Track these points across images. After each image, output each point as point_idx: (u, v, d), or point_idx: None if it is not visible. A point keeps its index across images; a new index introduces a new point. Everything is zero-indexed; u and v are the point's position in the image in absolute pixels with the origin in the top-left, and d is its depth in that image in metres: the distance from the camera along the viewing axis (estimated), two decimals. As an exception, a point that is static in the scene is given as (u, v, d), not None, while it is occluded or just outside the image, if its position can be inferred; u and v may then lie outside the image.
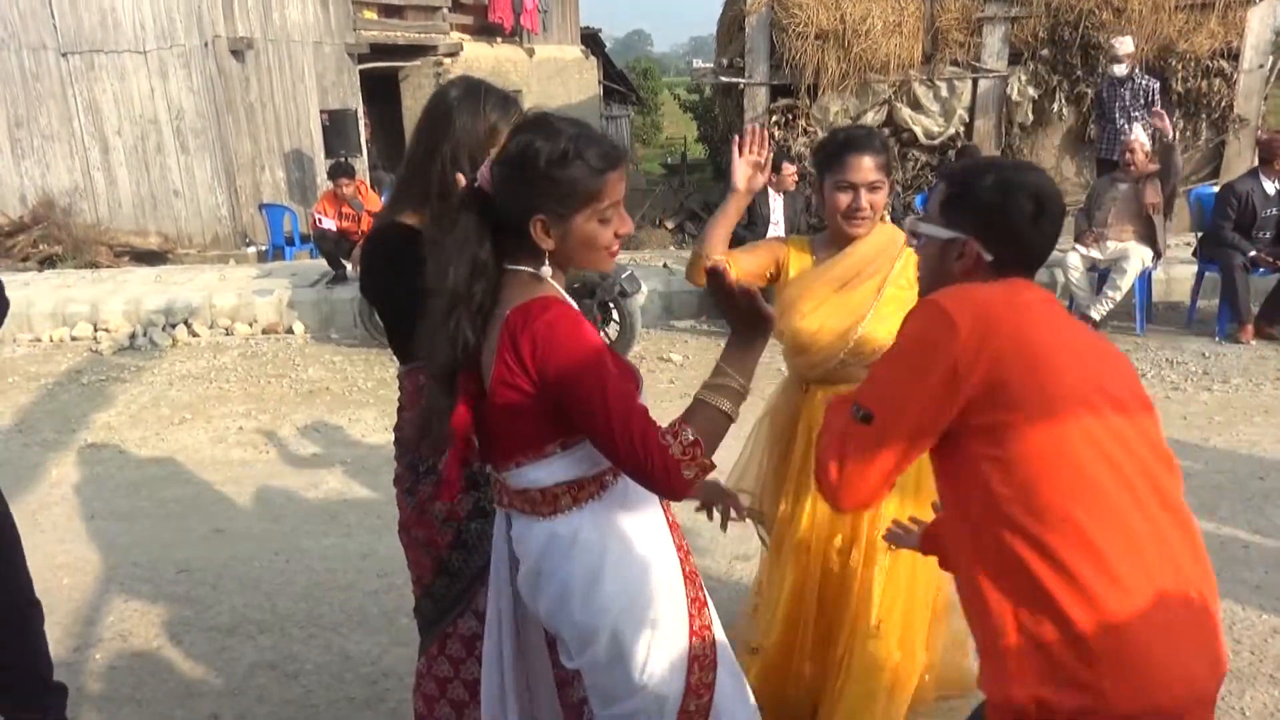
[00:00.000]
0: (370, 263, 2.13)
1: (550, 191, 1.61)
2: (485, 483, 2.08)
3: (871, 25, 9.48)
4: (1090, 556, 1.39)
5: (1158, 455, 1.51)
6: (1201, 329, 6.88)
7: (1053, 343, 1.51)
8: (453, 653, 2.16)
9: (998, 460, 1.45)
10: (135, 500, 4.67)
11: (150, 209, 11.54)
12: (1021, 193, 1.60)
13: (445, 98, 2.04)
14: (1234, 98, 9.30)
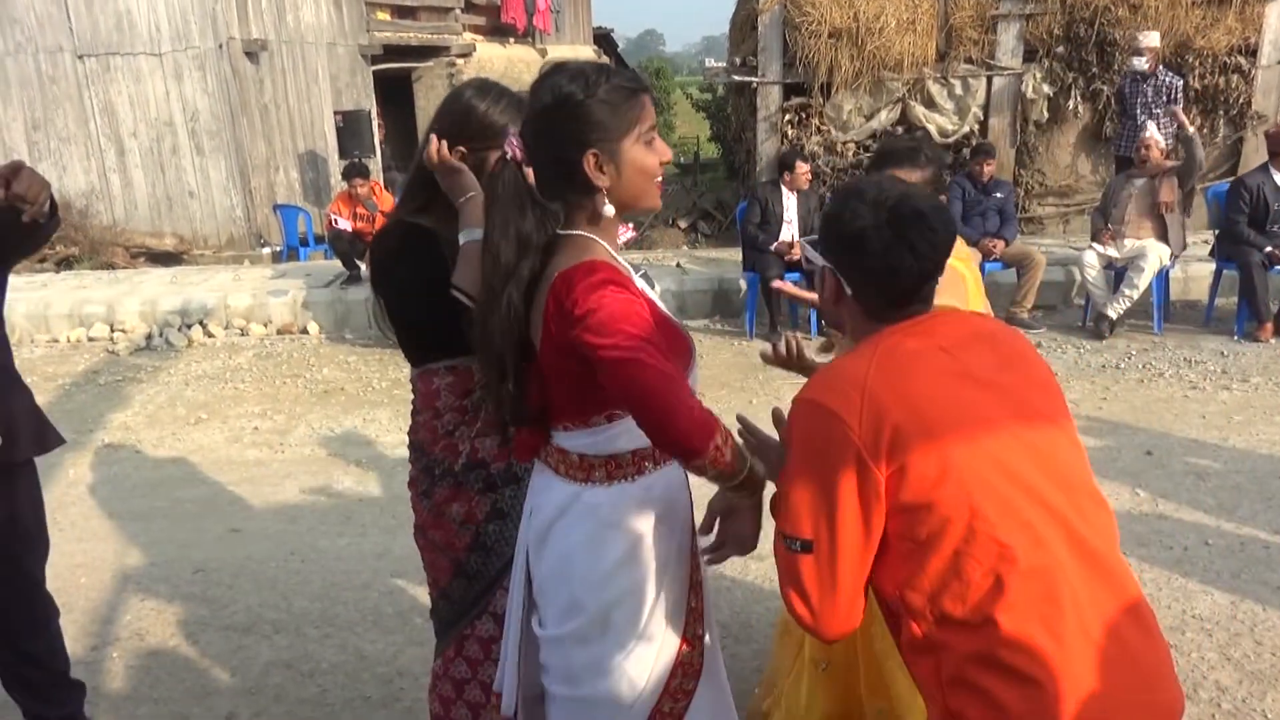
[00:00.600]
0: (379, 261, 2.11)
1: (596, 120, 1.59)
2: (503, 484, 2.08)
3: (885, 23, 9.43)
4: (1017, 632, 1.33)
5: (1079, 506, 1.42)
6: (1220, 327, 6.82)
7: (949, 403, 1.40)
8: (470, 654, 2.15)
9: (914, 541, 1.39)
10: (152, 500, 4.70)
11: (166, 210, 11.59)
12: (875, 218, 1.47)
13: (460, 96, 2.04)
14: (1252, 94, 9.21)
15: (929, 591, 1.38)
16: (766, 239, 7.12)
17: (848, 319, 1.59)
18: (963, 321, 1.56)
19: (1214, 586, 3.48)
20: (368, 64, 13.12)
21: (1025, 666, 1.32)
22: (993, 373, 1.46)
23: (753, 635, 3.27)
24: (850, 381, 1.42)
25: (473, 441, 2.06)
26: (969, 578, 1.35)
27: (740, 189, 11.61)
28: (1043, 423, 1.45)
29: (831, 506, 1.40)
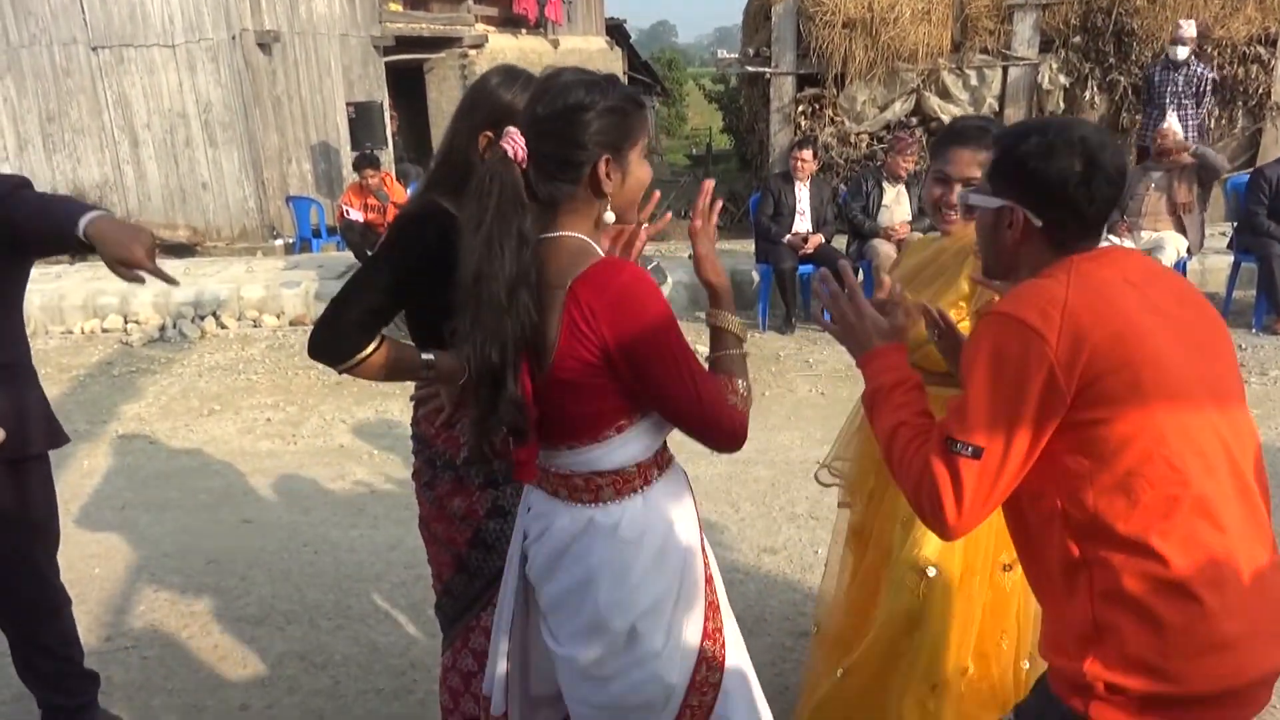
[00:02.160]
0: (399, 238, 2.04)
1: (610, 127, 1.60)
2: (505, 481, 2.06)
3: (900, 13, 9.36)
4: (1181, 553, 1.39)
5: (1244, 448, 1.48)
6: (1237, 320, 6.75)
7: (1144, 331, 1.43)
8: (476, 646, 2.15)
9: (1087, 457, 1.42)
10: (165, 491, 4.71)
11: (179, 202, 11.63)
12: (1066, 150, 1.51)
13: (488, 81, 2.02)
14: (1271, 84, 9.12)
15: (1094, 508, 1.42)
16: (779, 230, 7.09)
17: (1030, 255, 1.57)
18: (1139, 259, 1.60)
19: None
20: (380, 55, 13.11)
21: (1188, 585, 1.39)
22: (1174, 307, 1.50)
23: (766, 629, 3.25)
24: (1050, 300, 1.44)
25: None
26: (1139, 497, 1.40)
27: (753, 180, 11.56)
28: (1215, 359, 1.51)
29: (1014, 418, 1.42)
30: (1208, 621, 1.39)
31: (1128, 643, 1.41)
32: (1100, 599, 1.43)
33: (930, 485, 1.46)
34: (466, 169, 1.96)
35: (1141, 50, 9.13)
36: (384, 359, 1.94)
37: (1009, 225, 1.56)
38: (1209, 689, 1.40)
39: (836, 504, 2.73)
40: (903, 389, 1.61)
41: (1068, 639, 1.48)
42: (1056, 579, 1.50)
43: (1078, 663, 1.44)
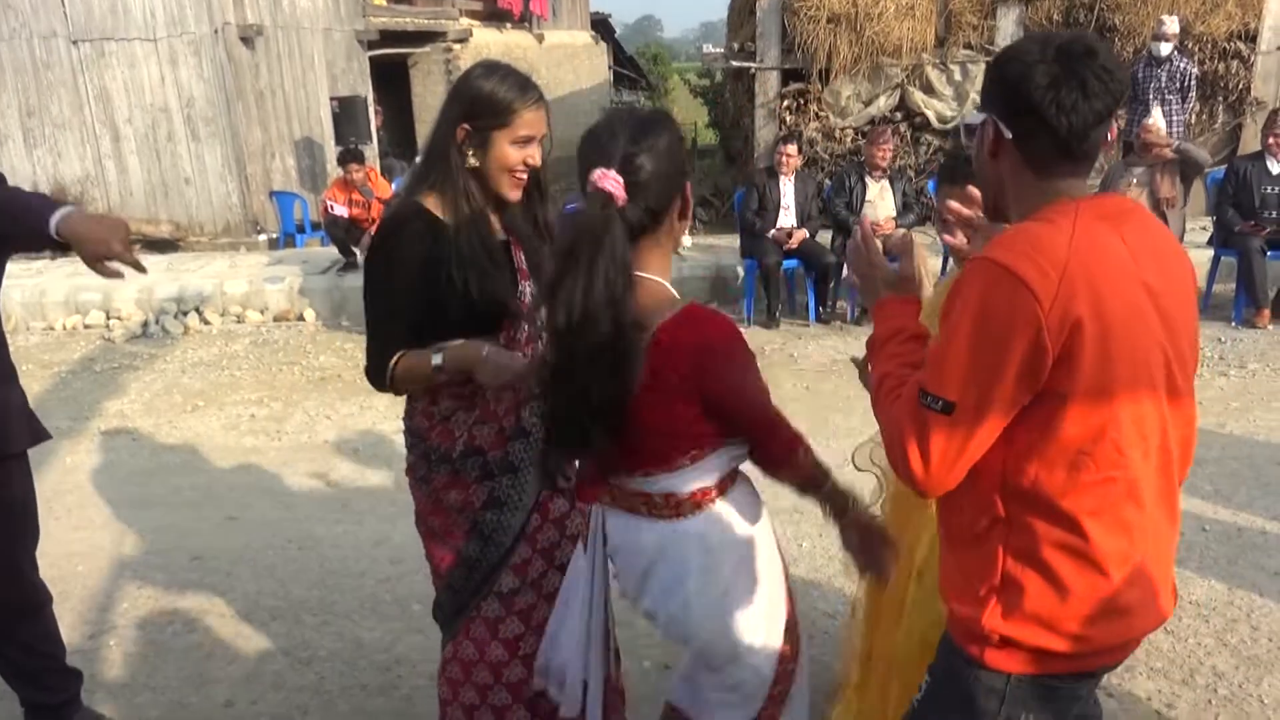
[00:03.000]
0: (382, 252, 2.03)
1: (681, 158, 1.69)
2: (500, 472, 2.08)
3: (884, 9, 9.38)
4: (1104, 532, 1.43)
5: (1180, 432, 1.50)
6: (1217, 314, 6.82)
7: (1127, 315, 1.37)
8: (476, 635, 2.17)
9: (1039, 429, 1.40)
10: (149, 488, 4.69)
11: (161, 197, 11.55)
12: (1038, 52, 1.37)
13: (469, 74, 2.03)
14: (1251, 80, 9.19)
15: (1034, 477, 1.42)
16: (764, 225, 7.10)
17: (1008, 179, 1.48)
18: (1144, 222, 1.48)
19: (1210, 573, 3.48)
20: (364, 49, 13.05)
21: (1101, 561, 1.43)
22: (1158, 280, 1.42)
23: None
24: (1050, 258, 1.33)
25: (470, 428, 2.06)
26: (1080, 476, 1.40)
27: (738, 176, 11.57)
28: (1181, 336, 1.47)
29: (992, 376, 1.35)
30: (1110, 592, 1.44)
31: (1030, 600, 1.45)
32: (1012, 555, 1.46)
33: (899, 438, 1.42)
34: (447, 164, 1.98)
35: (1124, 46, 9.17)
36: (404, 372, 1.99)
37: (984, 141, 1.47)
38: (1098, 648, 1.49)
39: None
40: (897, 340, 1.58)
41: (970, 587, 1.51)
42: (971, 526, 1.51)
43: (977, 611, 1.49)
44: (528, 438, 2.10)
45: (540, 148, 2.03)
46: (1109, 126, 1.42)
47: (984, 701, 1.53)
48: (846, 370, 5.90)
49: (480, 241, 1.98)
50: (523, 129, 1.97)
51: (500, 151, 1.97)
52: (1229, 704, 2.80)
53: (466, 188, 1.98)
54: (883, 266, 1.69)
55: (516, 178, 2.01)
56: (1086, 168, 1.46)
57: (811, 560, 3.67)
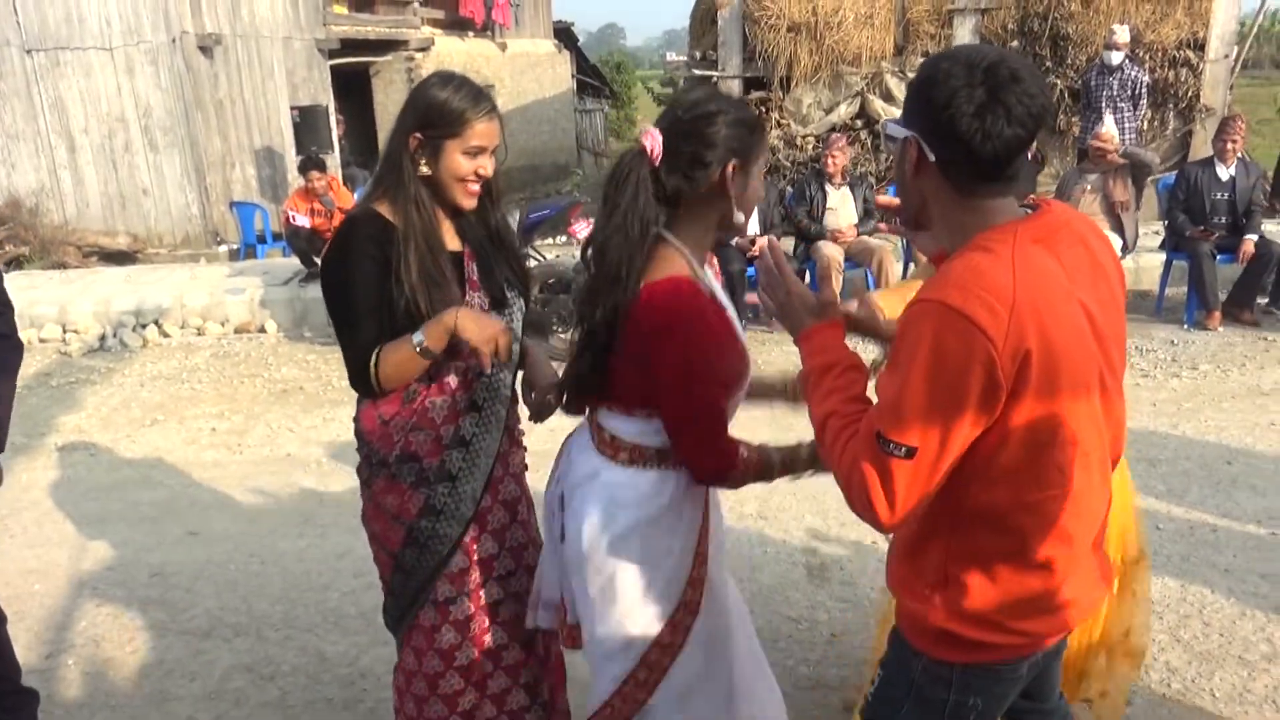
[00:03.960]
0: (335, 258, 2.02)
1: (738, 137, 1.76)
2: (436, 480, 2.07)
3: (843, 18, 9.51)
4: (1046, 541, 1.48)
5: (1114, 435, 1.57)
6: (1170, 316, 6.96)
7: (1069, 333, 1.39)
8: (416, 644, 2.17)
9: (981, 450, 1.42)
10: (107, 504, 4.62)
11: (119, 208, 11.40)
12: (965, 77, 1.36)
13: (424, 83, 2.04)
14: (1200, 87, 9.41)
15: (979, 496, 1.47)
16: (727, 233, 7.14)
17: (930, 196, 1.48)
18: (1077, 239, 1.49)
19: (1164, 570, 3.56)
20: (325, 58, 12.98)
21: (1043, 565, 1.48)
22: (1094, 299, 1.46)
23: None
24: (998, 296, 1.33)
25: (406, 434, 2.05)
26: (1023, 494, 1.45)
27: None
28: (1114, 345, 1.52)
29: (951, 419, 1.35)
30: (1051, 591, 1.50)
31: (971, 599, 1.50)
32: (955, 558, 1.51)
33: (860, 483, 1.42)
34: (400, 172, 1.99)
35: (1077, 54, 9.36)
36: (388, 366, 1.98)
37: (906, 159, 1.47)
38: (1040, 637, 1.55)
39: None
40: (834, 373, 1.56)
41: (917, 583, 1.57)
42: (918, 534, 1.57)
43: (923, 607, 1.55)
44: (466, 447, 2.08)
45: (493, 159, 2.04)
46: (1031, 148, 1.44)
47: (932, 690, 1.59)
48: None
49: (428, 249, 1.97)
50: (474, 139, 1.97)
51: (451, 161, 1.98)
52: (1182, 698, 2.86)
53: (418, 196, 1.99)
54: (802, 293, 1.67)
55: (469, 187, 2.01)
56: (1012, 187, 1.46)
57: (775, 566, 3.70)
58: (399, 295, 1.94)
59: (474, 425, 2.09)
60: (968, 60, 1.38)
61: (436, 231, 2.01)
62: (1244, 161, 6.80)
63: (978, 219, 1.44)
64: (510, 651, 2.20)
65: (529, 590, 2.19)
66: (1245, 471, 4.40)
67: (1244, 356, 6.07)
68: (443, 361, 2.01)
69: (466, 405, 2.07)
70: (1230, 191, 6.72)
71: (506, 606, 2.20)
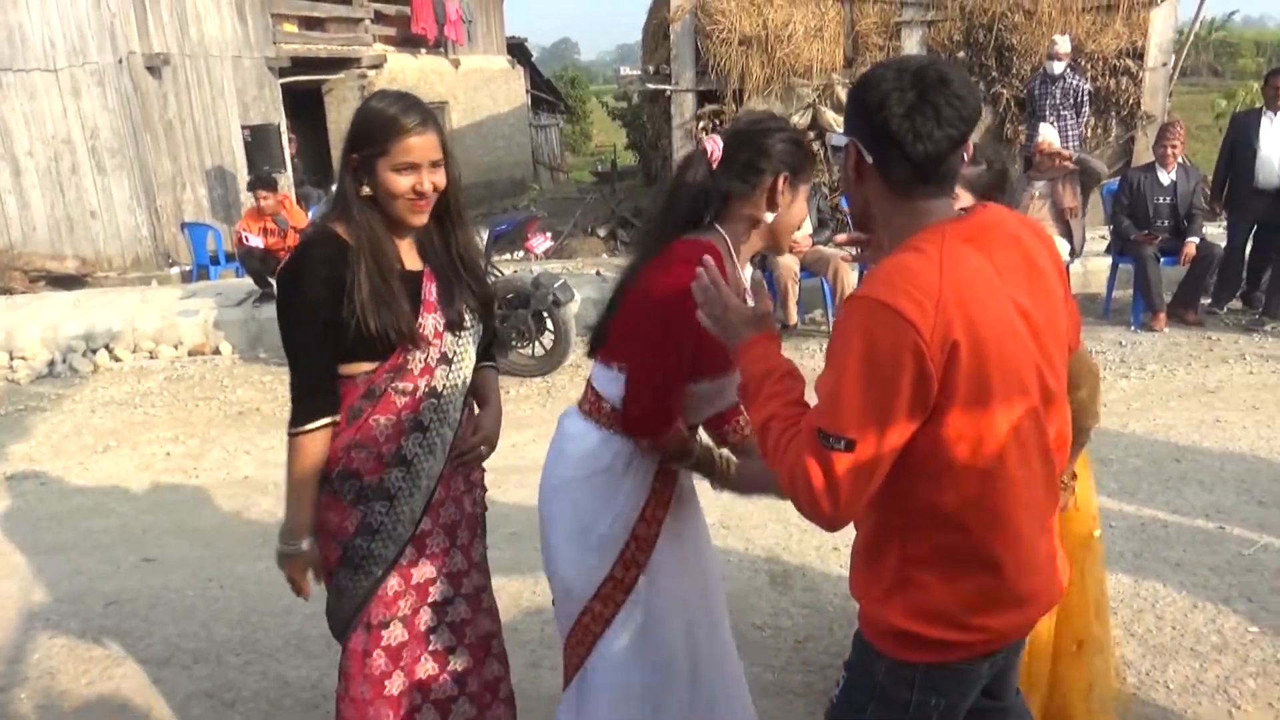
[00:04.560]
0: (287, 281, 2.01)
1: (791, 154, 1.94)
2: (374, 498, 2.04)
3: (793, 30, 9.63)
4: (992, 533, 1.52)
5: (1055, 428, 1.61)
6: (1117, 318, 7.12)
7: (999, 328, 1.44)
8: (347, 670, 2.14)
9: (921, 446, 1.45)
10: (59, 533, 4.53)
11: (66, 231, 11.20)
12: (899, 82, 1.43)
13: (365, 102, 2.04)
14: (1140, 95, 9.65)
15: (924, 493, 1.51)
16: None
17: (872, 200, 1.55)
18: (1010, 238, 1.54)
19: (1117, 566, 3.63)
20: (276, 77, 12.87)
21: (995, 560, 1.53)
22: (1029, 297, 1.50)
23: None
24: (923, 290, 1.39)
25: (349, 451, 2.02)
26: (964, 489, 1.49)
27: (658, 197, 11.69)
28: (1050, 337, 1.55)
29: (887, 409, 1.40)
30: (1005, 586, 1.55)
31: (929, 599, 1.54)
32: (910, 560, 1.55)
33: (804, 480, 1.44)
34: (344, 194, 1.99)
35: (1021, 64, 9.56)
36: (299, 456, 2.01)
37: (848, 163, 1.54)
38: (998, 635, 1.58)
39: None
40: (773, 379, 1.60)
41: (876, 585, 1.60)
42: (874, 535, 1.61)
43: (882, 609, 1.59)
44: (407, 467, 2.04)
45: (438, 172, 1.98)
46: (965, 149, 1.49)
47: (895, 692, 1.62)
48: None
49: (378, 268, 1.94)
50: (402, 155, 1.92)
51: (384, 179, 1.94)
52: (1138, 691, 2.92)
53: (362, 217, 1.97)
54: (738, 307, 1.69)
55: (413, 204, 1.97)
56: (948, 188, 1.52)
57: (739, 574, 3.72)
58: (349, 315, 1.91)
59: (417, 445, 2.05)
60: (899, 66, 1.47)
61: (386, 250, 1.98)
62: (1184, 166, 6.99)
63: (913, 220, 1.51)
64: (441, 685, 2.15)
65: (467, 620, 2.17)
66: (1193, 468, 4.51)
67: (1189, 356, 6.22)
68: (387, 384, 2.01)
69: (412, 425, 2.04)
70: (1172, 196, 6.90)
71: (440, 636, 2.15)
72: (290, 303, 1.97)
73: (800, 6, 9.68)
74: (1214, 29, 24.16)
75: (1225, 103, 14.98)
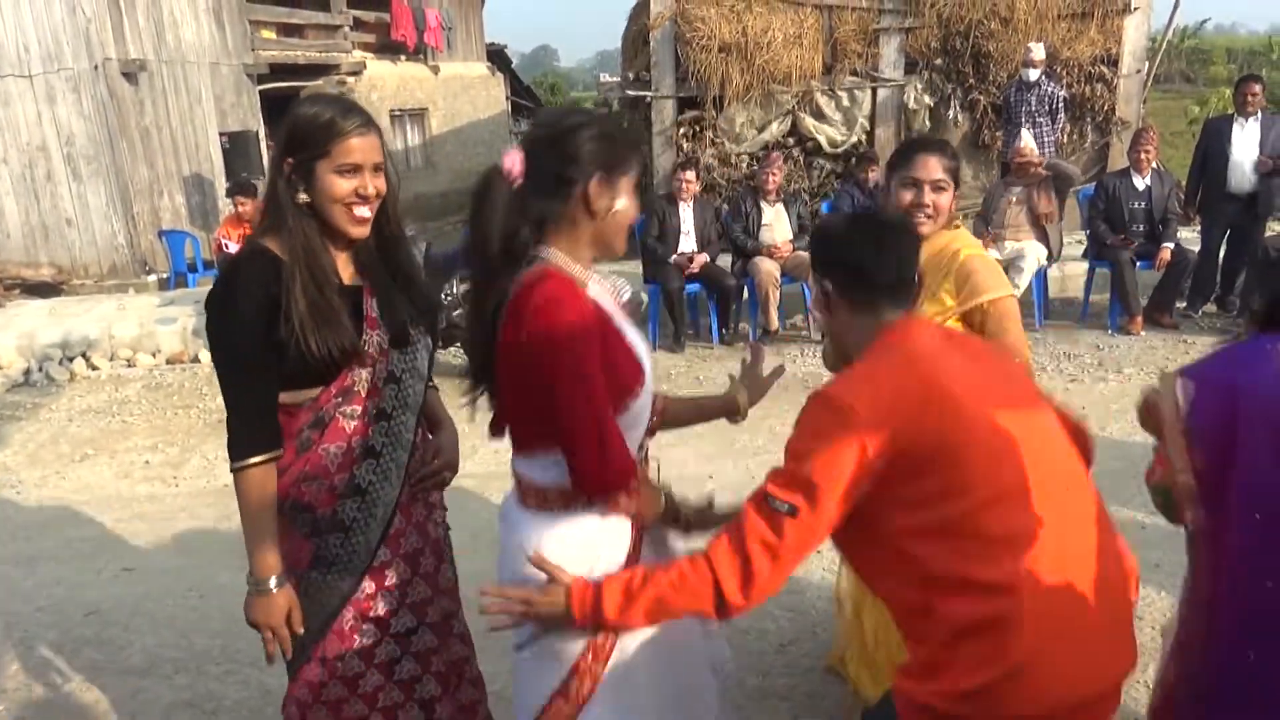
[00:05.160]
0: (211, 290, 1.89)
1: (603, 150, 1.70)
2: (327, 530, 1.95)
3: (773, 38, 9.68)
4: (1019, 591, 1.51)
5: (1069, 463, 1.67)
6: (1094, 322, 7.20)
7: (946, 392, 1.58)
8: (299, 697, 2.03)
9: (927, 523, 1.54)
10: (38, 543, 4.48)
11: (41, 239, 11.09)
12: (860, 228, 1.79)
13: (291, 108, 1.95)
14: (1115, 101, 9.76)
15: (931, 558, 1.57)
16: (665, 251, 7.22)
17: (839, 318, 1.77)
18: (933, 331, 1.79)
19: (1097, 568, 3.67)
20: (254, 83, 12.81)
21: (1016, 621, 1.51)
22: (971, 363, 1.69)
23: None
24: (859, 376, 1.64)
25: (300, 484, 1.92)
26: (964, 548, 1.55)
27: (638, 202, 11.70)
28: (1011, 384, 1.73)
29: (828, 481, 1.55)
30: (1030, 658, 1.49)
31: (961, 678, 1.52)
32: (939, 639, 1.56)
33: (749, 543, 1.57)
34: (278, 203, 1.87)
35: (998, 71, 9.65)
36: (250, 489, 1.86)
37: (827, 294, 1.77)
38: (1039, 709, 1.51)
39: None
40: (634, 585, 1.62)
41: (914, 665, 1.62)
42: (905, 620, 1.65)
43: (921, 687, 1.58)
44: (362, 496, 1.94)
45: (379, 176, 1.89)
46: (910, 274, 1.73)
47: None
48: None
49: (314, 283, 1.83)
50: (344, 156, 1.83)
51: (325, 183, 1.84)
52: (1118, 691, 2.95)
53: (297, 226, 1.85)
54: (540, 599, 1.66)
55: (352, 212, 1.87)
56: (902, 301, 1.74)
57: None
58: (288, 335, 1.79)
59: (371, 472, 1.94)
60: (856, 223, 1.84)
61: (323, 264, 1.86)
62: (1158, 172, 7.08)
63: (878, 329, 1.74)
64: (407, 712, 2.06)
65: (434, 648, 2.09)
66: (1170, 469, 4.55)
67: (1165, 359, 6.30)
68: (335, 409, 1.91)
69: (363, 451, 1.93)
70: (1147, 200, 6.98)
71: (405, 666, 2.05)
72: (223, 327, 1.85)
73: (779, 14, 9.74)
74: (1187, 36, 24.47)
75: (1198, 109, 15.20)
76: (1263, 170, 6.88)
